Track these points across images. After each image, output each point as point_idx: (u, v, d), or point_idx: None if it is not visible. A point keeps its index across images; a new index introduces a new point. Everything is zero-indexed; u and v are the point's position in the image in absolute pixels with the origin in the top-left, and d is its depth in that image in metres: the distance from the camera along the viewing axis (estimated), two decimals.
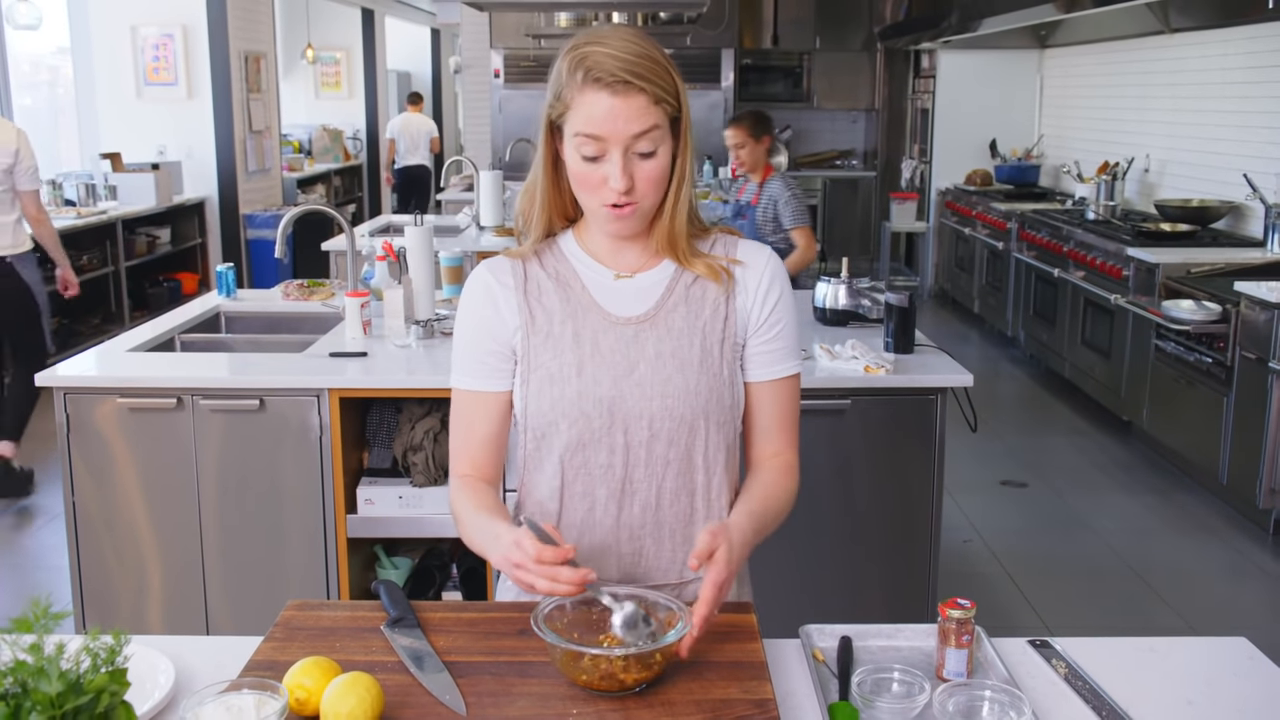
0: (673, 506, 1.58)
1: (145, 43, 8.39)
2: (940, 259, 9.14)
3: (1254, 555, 4.25)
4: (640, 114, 1.44)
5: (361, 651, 1.42)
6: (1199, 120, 6.14)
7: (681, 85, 1.49)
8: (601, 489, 1.56)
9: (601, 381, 1.53)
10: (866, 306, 3.45)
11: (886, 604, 3.11)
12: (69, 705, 1.09)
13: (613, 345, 1.54)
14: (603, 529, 1.58)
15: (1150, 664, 1.48)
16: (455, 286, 3.87)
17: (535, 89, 9.32)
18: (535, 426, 1.57)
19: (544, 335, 1.56)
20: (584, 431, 1.54)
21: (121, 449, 2.95)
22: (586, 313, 1.56)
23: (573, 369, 1.54)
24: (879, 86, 10.17)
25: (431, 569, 3.35)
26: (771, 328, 1.60)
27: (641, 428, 1.54)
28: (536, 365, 1.55)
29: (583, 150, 1.46)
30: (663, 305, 1.57)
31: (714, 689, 1.33)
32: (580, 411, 1.53)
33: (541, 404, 1.55)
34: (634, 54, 1.44)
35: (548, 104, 1.50)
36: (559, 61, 1.48)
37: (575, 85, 1.45)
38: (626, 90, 1.43)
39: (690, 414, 1.54)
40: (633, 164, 1.46)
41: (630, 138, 1.44)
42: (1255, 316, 4.31)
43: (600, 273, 1.59)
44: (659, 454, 1.55)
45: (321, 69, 13.32)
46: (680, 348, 1.55)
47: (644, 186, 1.48)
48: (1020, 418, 6.09)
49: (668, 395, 1.53)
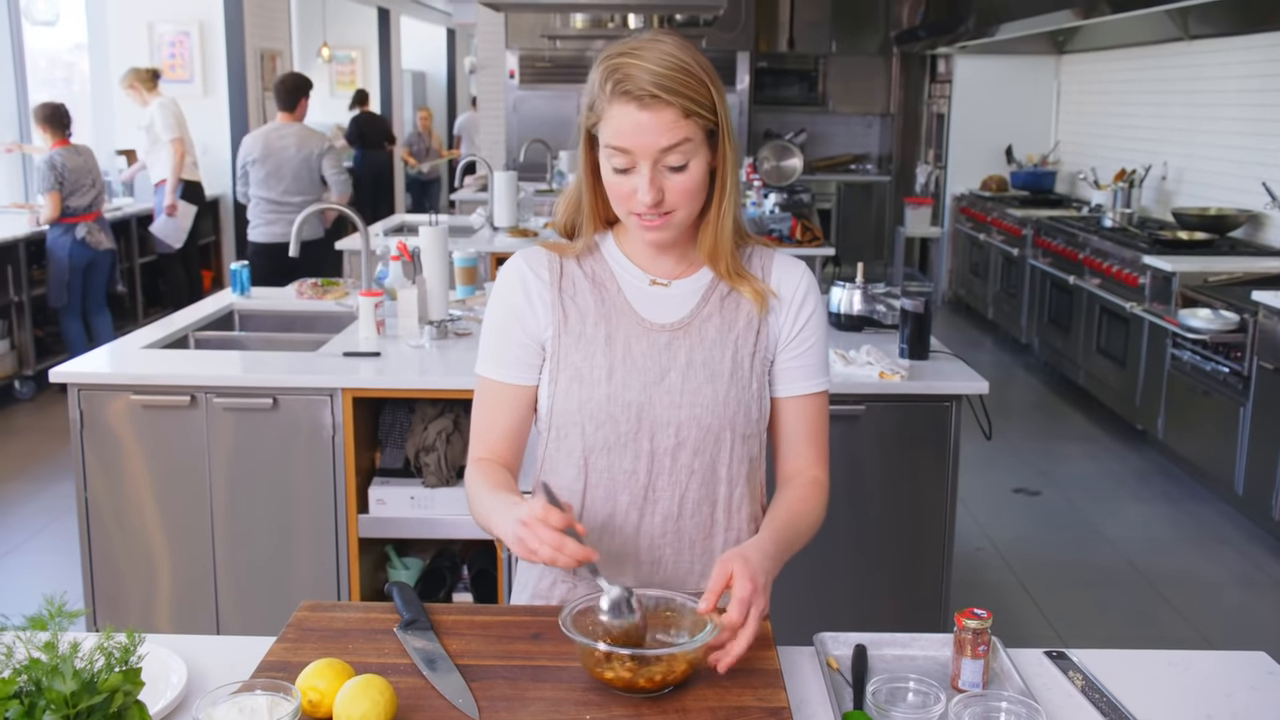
0: (694, 517, 1.57)
1: (162, 39, 8.42)
2: (955, 265, 9.12)
3: (1269, 566, 4.22)
4: (669, 128, 1.43)
5: (374, 654, 1.41)
6: (1217, 128, 6.11)
7: (720, 97, 1.47)
8: (624, 494, 1.56)
9: (631, 386, 1.53)
10: (881, 312, 3.43)
11: (898, 611, 3.10)
12: (83, 704, 1.09)
13: (645, 351, 1.54)
14: (622, 536, 1.57)
15: (1168, 677, 1.47)
16: (469, 287, 3.87)
17: (550, 90, 9.33)
18: (560, 425, 1.56)
19: (576, 335, 1.55)
20: (610, 435, 1.54)
21: (134, 446, 2.96)
22: (621, 316, 1.56)
23: (603, 372, 1.53)
24: (894, 91, 10.15)
25: (442, 570, 3.35)
26: (802, 343, 1.59)
27: (668, 435, 1.53)
28: (566, 364, 1.55)
29: (613, 162, 1.46)
30: (697, 314, 1.57)
31: (728, 696, 1.32)
32: (608, 415, 1.53)
33: (568, 404, 1.54)
34: (667, 67, 1.42)
35: (583, 112, 1.50)
36: (594, 70, 1.48)
37: (605, 97, 1.45)
38: (655, 104, 1.42)
39: (717, 425, 1.54)
40: (662, 177, 1.46)
41: (658, 151, 1.44)
42: (1273, 326, 4.29)
43: (637, 277, 1.59)
44: (684, 463, 1.55)
45: (337, 68, 13.36)
46: (711, 358, 1.55)
47: (674, 199, 1.47)
48: (1034, 425, 6.07)
49: (696, 405, 1.53)
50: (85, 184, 6.13)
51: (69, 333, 6.25)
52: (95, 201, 6.23)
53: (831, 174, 10.19)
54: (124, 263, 7.34)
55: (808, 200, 8.15)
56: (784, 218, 5.67)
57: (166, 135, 7.08)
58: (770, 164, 8.87)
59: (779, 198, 6.69)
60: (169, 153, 7.11)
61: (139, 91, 7.12)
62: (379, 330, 3.28)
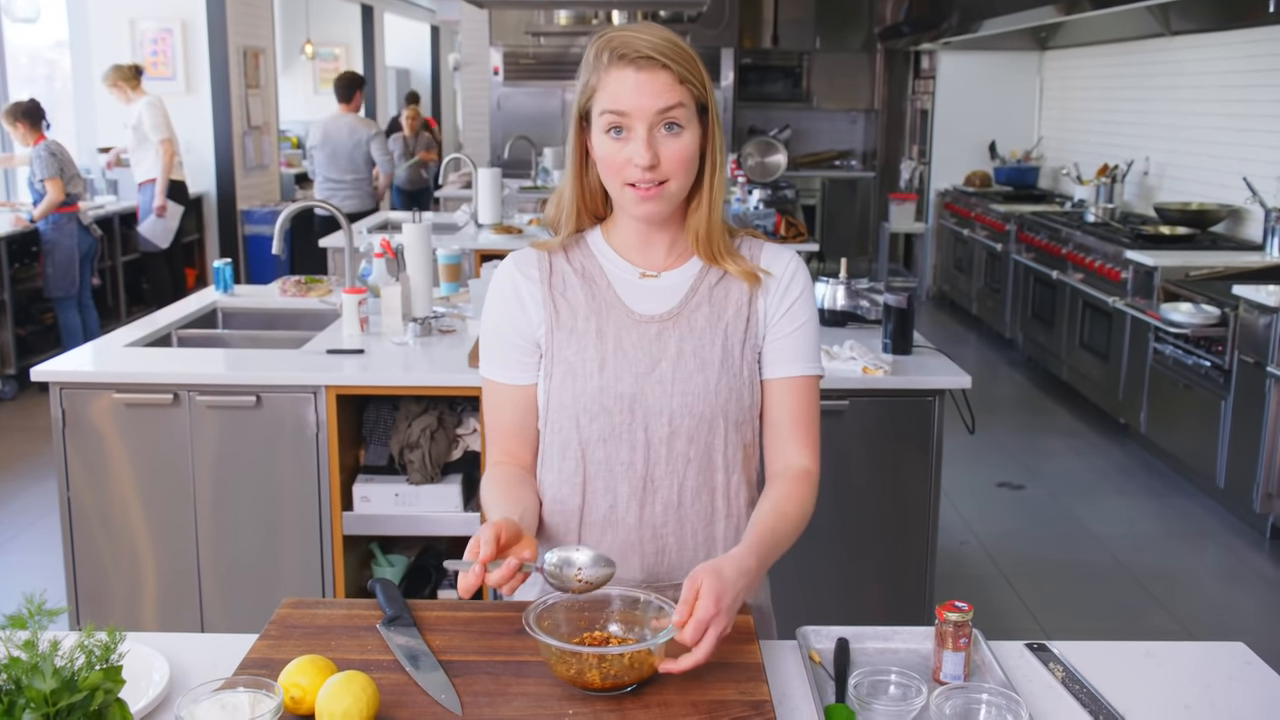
0: (694, 505, 1.59)
1: (144, 37, 8.37)
2: (939, 260, 9.14)
3: (1250, 560, 4.25)
4: (665, 89, 1.47)
5: (357, 650, 1.41)
6: (1199, 123, 6.14)
7: (708, 78, 1.52)
8: (623, 485, 1.57)
9: (623, 378, 1.55)
10: (865, 307, 3.44)
11: (882, 605, 3.11)
12: (63, 703, 1.09)
13: (635, 342, 1.56)
14: (625, 527, 1.58)
15: (1148, 668, 1.48)
16: (453, 284, 3.86)
17: (535, 86, 9.32)
18: (556, 419, 1.59)
19: (568, 330, 1.57)
20: (605, 427, 1.55)
21: (117, 444, 2.94)
22: (611, 309, 1.58)
23: (595, 364, 1.55)
24: (879, 87, 10.17)
25: (427, 567, 3.34)
26: (791, 323, 1.60)
27: (662, 424, 1.55)
28: (559, 359, 1.57)
29: (610, 125, 1.49)
30: (686, 304, 1.58)
31: (710, 690, 1.33)
32: (601, 406, 1.55)
33: (563, 397, 1.57)
34: (660, 37, 1.49)
35: (577, 95, 1.54)
36: (587, 52, 1.52)
37: (602, 66, 1.49)
38: (651, 65, 1.47)
39: (710, 412, 1.56)
40: (658, 141, 1.48)
41: (655, 113, 1.47)
42: (1254, 320, 4.32)
43: (626, 270, 1.61)
44: (679, 451, 1.56)
45: (320, 65, 13.30)
46: (701, 346, 1.56)
47: (670, 165, 1.49)
48: (1018, 420, 6.09)
49: (688, 393, 1.55)
50: (73, 175, 6.25)
51: (69, 324, 6.29)
52: (78, 195, 6.32)
53: (816, 170, 10.20)
54: (106, 260, 7.30)
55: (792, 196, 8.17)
56: (768, 214, 5.68)
57: (155, 135, 7.07)
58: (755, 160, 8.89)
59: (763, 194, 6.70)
60: (157, 153, 7.09)
61: (123, 89, 7.10)
62: (363, 327, 3.28)
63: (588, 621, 1.40)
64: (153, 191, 7.17)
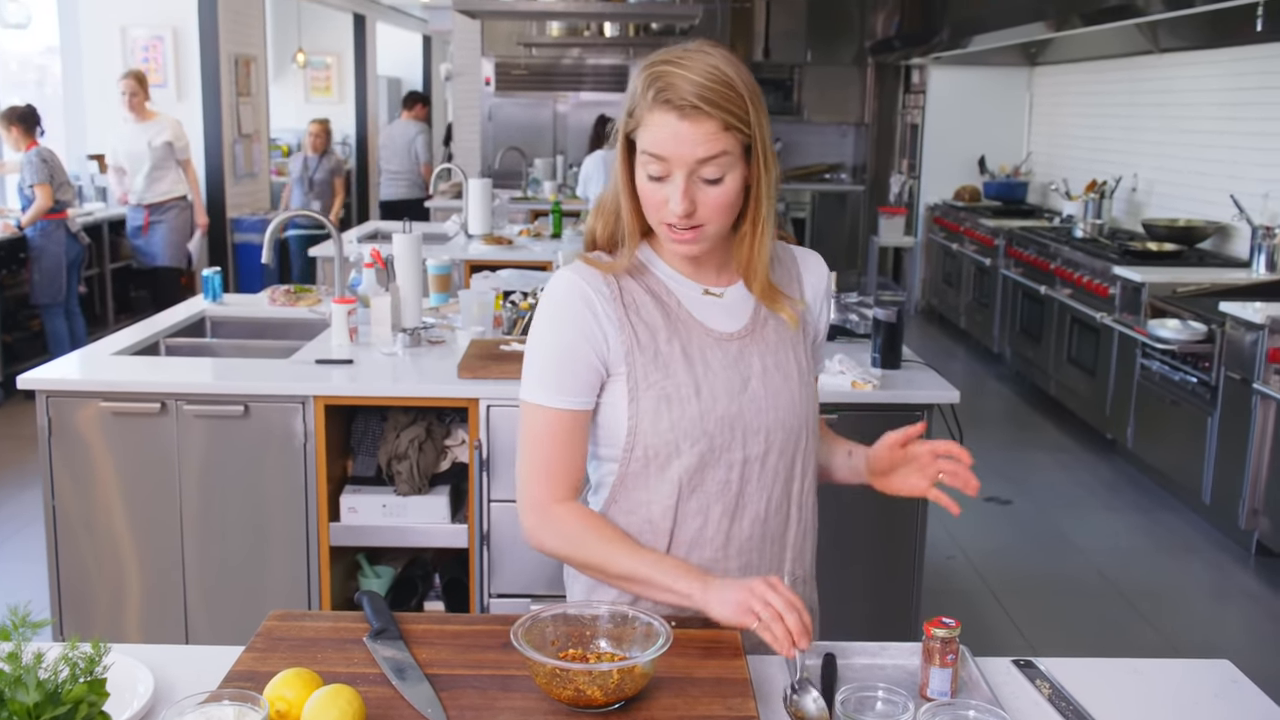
0: (776, 516, 1.60)
1: (135, 44, 8.36)
2: (928, 275, 9.17)
3: (1236, 576, 4.26)
4: (707, 140, 1.41)
5: (343, 663, 1.41)
6: (1187, 140, 6.18)
7: (759, 115, 1.45)
8: (716, 505, 1.55)
9: (720, 399, 1.51)
10: (854, 321, 3.45)
11: (869, 620, 3.11)
12: (47, 716, 1.08)
13: (722, 362, 1.53)
14: (712, 546, 1.56)
15: (1134, 685, 1.48)
16: (443, 295, 3.86)
17: (526, 97, 9.34)
18: (650, 446, 1.52)
19: (651, 353, 1.51)
20: (706, 451, 1.52)
21: (103, 453, 2.93)
22: (689, 330, 1.54)
23: (690, 389, 1.51)
24: (869, 101, 10.21)
25: (414, 579, 3.33)
26: (820, 328, 1.69)
27: (758, 442, 1.54)
28: (648, 384, 1.50)
29: (648, 169, 1.45)
30: (756, 320, 1.58)
31: (698, 705, 1.32)
32: (703, 431, 1.51)
33: (659, 425, 1.50)
34: (710, 79, 1.40)
35: (622, 115, 1.48)
36: (637, 75, 1.46)
37: (646, 104, 1.43)
38: (695, 115, 1.40)
39: (798, 424, 1.57)
40: (696, 188, 1.44)
41: (695, 162, 1.42)
42: (1240, 337, 4.34)
43: (690, 288, 1.57)
44: (771, 466, 1.56)
45: (312, 73, 13.30)
46: (781, 361, 1.57)
47: (707, 212, 1.46)
48: (1005, 435, 6.11)
49: (779, 408, 1.55)
50: (63, 183, 6.24)
51: (55, 331, 6.26)
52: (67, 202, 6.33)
53: (806, 183, 10.23)
54: (94, 268, 7.28)
55: (782, 209, 8.19)
56: None
57: (186, 155, 7.11)
58: None
59: None
60: (180, 174, 7.06)
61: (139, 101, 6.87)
62: (352, 337, 3.27)
63: (575, 637, 1.40)
64: (178, 209, 7.07)
